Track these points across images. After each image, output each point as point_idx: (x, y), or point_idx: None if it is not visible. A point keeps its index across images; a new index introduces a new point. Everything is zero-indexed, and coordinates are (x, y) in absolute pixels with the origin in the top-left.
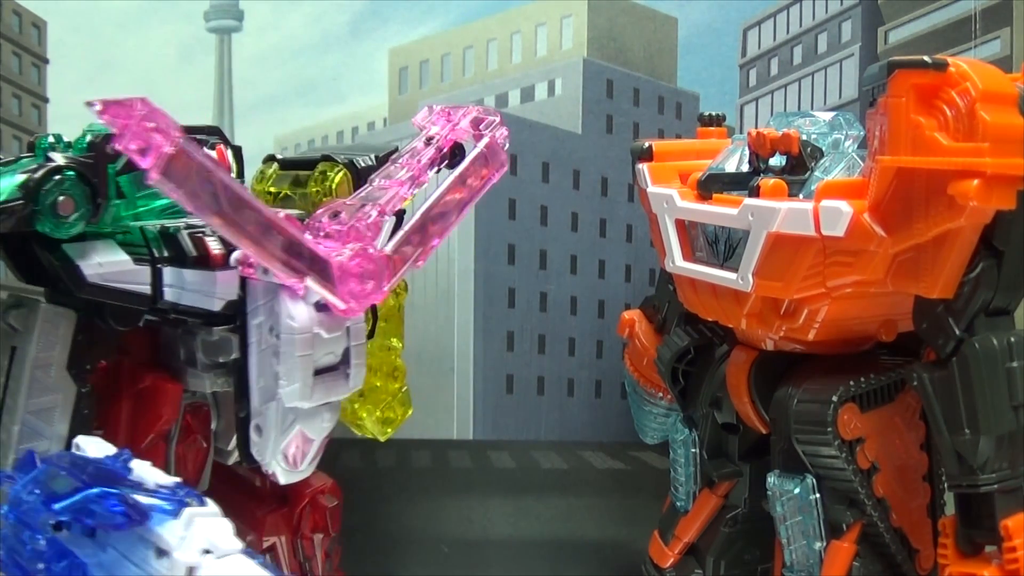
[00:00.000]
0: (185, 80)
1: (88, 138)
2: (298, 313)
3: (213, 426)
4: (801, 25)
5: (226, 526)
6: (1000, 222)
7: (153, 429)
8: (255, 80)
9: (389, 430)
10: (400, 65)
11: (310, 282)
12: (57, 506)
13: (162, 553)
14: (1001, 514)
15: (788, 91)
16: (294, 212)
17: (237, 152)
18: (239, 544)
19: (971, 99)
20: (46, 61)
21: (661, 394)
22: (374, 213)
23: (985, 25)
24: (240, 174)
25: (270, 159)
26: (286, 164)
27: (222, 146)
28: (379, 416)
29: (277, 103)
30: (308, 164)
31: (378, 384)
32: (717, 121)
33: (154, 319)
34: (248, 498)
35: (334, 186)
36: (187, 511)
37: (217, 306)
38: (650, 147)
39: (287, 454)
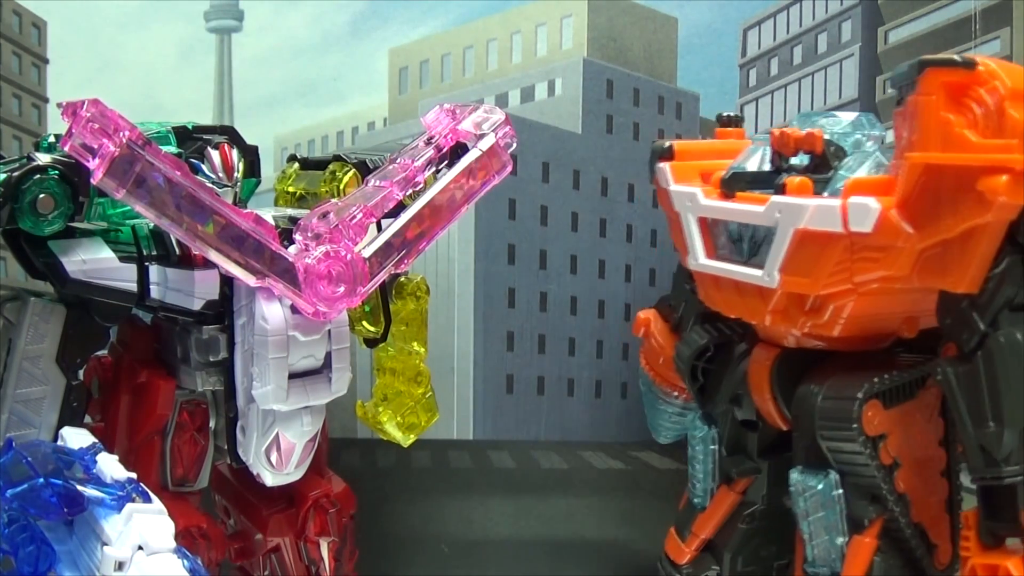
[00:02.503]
0: (185, 80)
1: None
2: (272, 314)
3: (212, 424)
4: (801, 25)
5: (165, 525)
6: None
7: (148, 424)
8: (255, 80)
9: (412, 436)
10: (400, 65)
11: (272, 283)
12: (9, 493)
13: (105, 546)
14: None
15: (788, 91)
16: (303, 212)
17: (251, 151)
18: (171, 544)
19: (1000, 97)
20: (46, 61)
21: (677, 393)
22: (359, 214)
23: (985, 25)
24: (255, 173)
25: (292, 159)
26: (306, 164)
27: (227, 146)
28: (400, 421)
29: (277, 103)
30: (326, 164)
31: (402, 389)
32: (735, 122)
33: (154, 317)
34: (258, 497)
35: (343, 186)
36: (128, 507)
37: (197, 305)
38: (671, 147)
39: (269, 456)
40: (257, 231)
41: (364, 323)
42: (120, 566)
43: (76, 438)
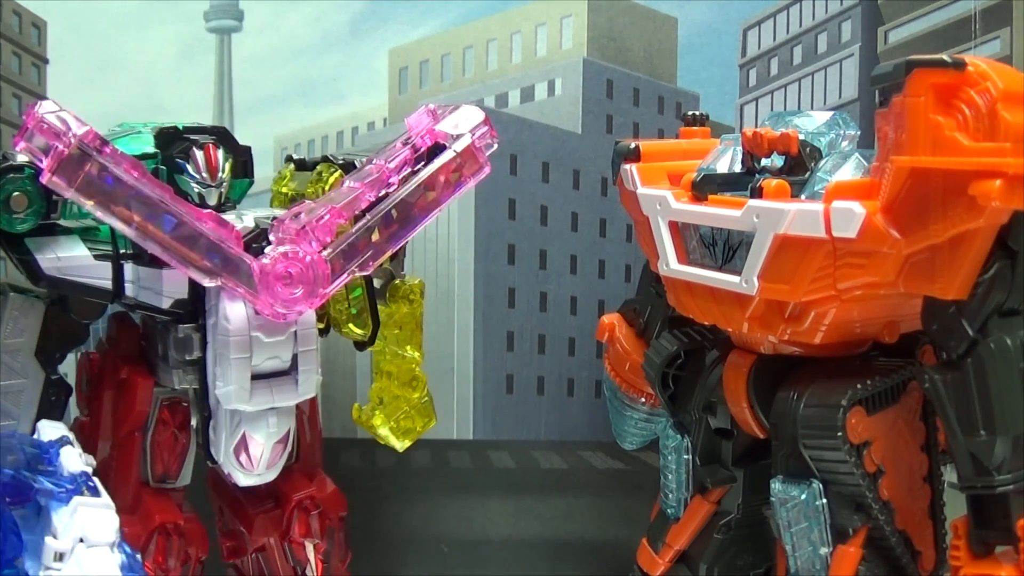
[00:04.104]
0: (185, 80)
1: None
2: (234, 314)
3: (193, 422)
4: (801, 25)
5: (108, 519)
6: (1015, 223)
7: (129, 420)
8: (255, 80)
9: (408, 441)
10: (400, 65)
11: (225, 283)
12: None
13: (49, 536)
14: (1017, 514)
15: (788, 91)
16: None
17: (244, 152)
18: (112, 538)
19: (991, 99)
20: (46, 61)
21: (643, 399)
22: (326, 215)
23: (985, 25)
24: (247, 173)
25: (289, 160)
26: (301, 165)
27: (212, 146)
28: (394, 426)
29: (277, 103)
30: (315, 165)
31: (397, 393)
32: (700, 121)
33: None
34: (245, 497)
35: (327, 187)
36: (76, 500)
37: (166, 304)
38: (637, 147)
39: (238, 457)
40: (213, 231)
41: (351, 326)
42: (60, 557)
43: (50, 430)
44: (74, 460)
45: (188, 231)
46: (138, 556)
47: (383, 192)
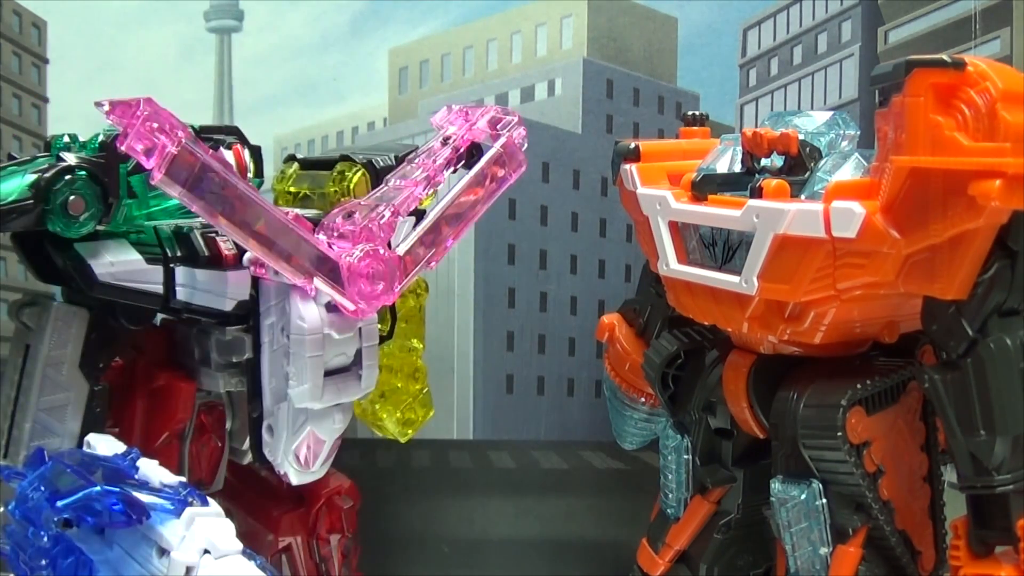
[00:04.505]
0: (185, 80)
1: (100, 138)
2: (308, 314)
3: (228, 426)
4: (801, 25)
5: (227, 527)
6: (1015, 223)
7: (167, 428)
8: (255, 80)
9: (410, 431)
10: (400, 65)
11: (318, 282)
12: (60, 503)
13: (163, 552)
14: (1017, 514)
15: (788, 91)
16: (311, 212)
17: (256, 152)
18: (238, 545)
19: (991, 99)
20: (46, 61)
21: (643, 399)
22: (387, 213)
23: (985, 25)
24: (259, 173)
25: (291, 159)
26: (306, 164)
27: (239, 146)
28: (399, 417)
29: (277, 103)
30: (327, 164)
31: (399, 385)
32: (700, 121)
33: (169, 318)
34: (265, 498)
35: (352, 186)
36: (188, 511)
37: (229, 306)
38: (637, 147)
39: (299, 455)
40: (304, 231)
41: None
42: (189, 571)
43: (104, 444)
44: (159, 470)
45: (285, 230)
46: (281, 558)
47: (430, 191)
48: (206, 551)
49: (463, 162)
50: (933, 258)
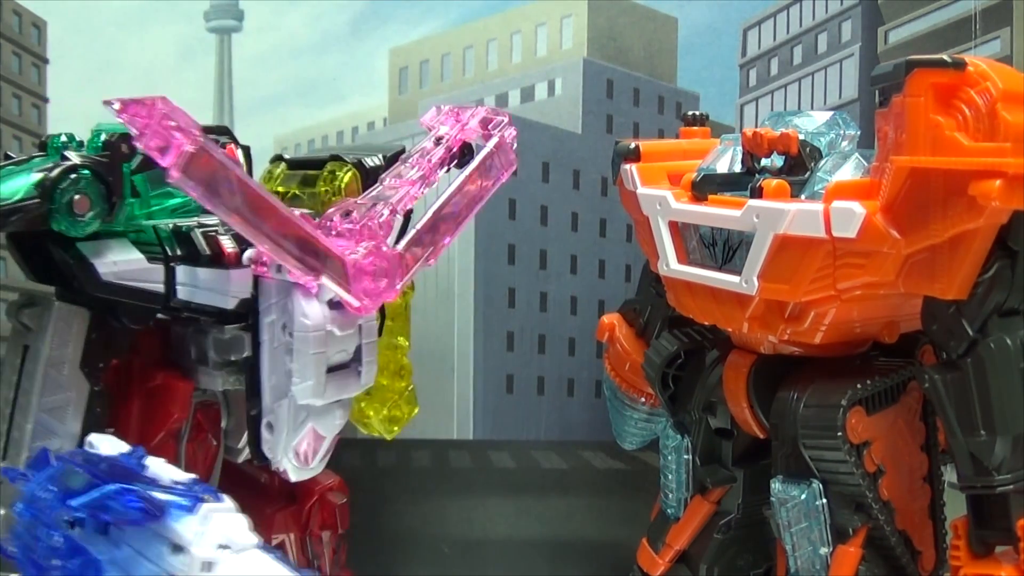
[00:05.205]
0: (185, 80)
1: (103, 137)
2: (312, 311)
3: (223, 424)
4: (801, 25)
5: (242, 522)
6: (1015, 223)
7: (164, 427)
8: (255, 80)
9: (396, 428)
10: (400, 65)
11: (325, 280)
12: (74, 502)
13: (178, 549)
14: (1017, 514)
15: (788, 91)
16: (305, 211)
17: (246, 152)
18: (256, 539)
19: (991, 99)
20: (46, 61)
21: (643, 399)
22: (386, 212)
23: (985, 25)
24: (248, 173)
25: (278, 159)
26: (294, 164)
27: (232, 145)
28: (385, 415)
29: (277, 103)
30: (316, 164)
31: (385, 383)
32: (700, 121)
33: (164, 317)
34: (256, 496)
35: (343, 185)
36: (204, 506)
37: (231, 304)
38: (637, 147)
39: (298, 451)
40: (311, 229)
41: None
42: (208, 567)
43: (107, 444)
44: (167, 468)
45: (294, 228)
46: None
47: (425, 190)
48: (223, 546)
49: (455, 162)
50: (933, 258)
